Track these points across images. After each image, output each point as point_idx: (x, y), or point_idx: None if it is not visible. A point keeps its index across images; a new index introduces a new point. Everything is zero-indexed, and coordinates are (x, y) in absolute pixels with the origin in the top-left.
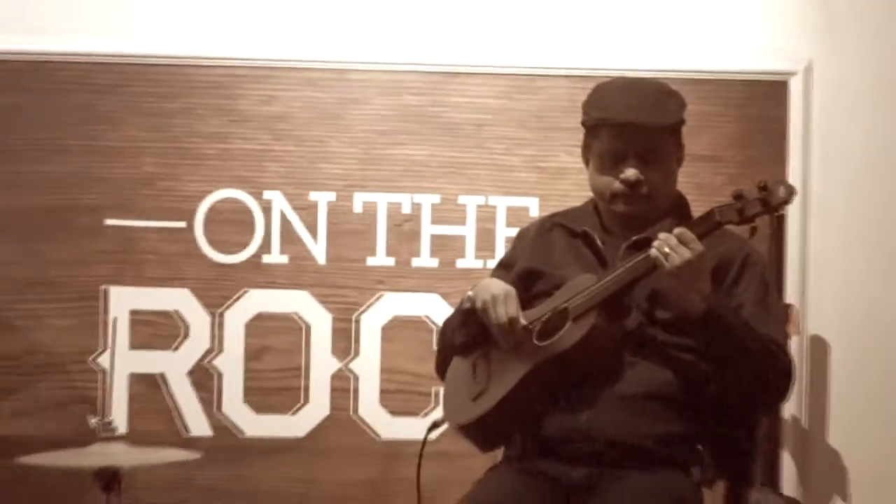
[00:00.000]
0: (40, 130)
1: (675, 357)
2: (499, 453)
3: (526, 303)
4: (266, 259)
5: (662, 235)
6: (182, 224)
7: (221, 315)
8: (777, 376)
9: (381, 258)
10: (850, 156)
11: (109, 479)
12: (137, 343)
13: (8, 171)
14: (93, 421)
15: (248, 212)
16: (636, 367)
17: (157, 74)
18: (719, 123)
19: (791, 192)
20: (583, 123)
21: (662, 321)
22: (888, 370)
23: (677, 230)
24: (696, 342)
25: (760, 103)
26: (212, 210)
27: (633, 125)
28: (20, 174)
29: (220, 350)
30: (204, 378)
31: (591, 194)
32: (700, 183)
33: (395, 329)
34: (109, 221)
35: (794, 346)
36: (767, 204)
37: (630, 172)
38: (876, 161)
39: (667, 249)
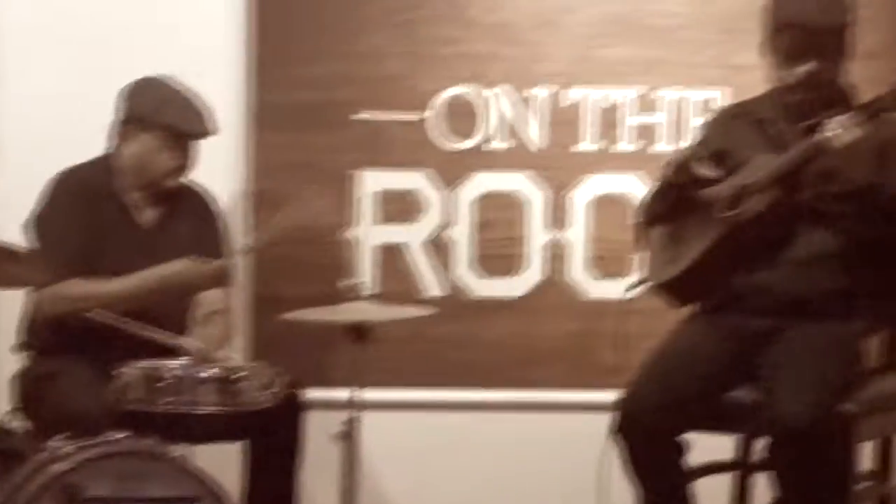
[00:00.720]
0: (307, 37)
1: (840, 224)
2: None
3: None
4: (490, 145)
5: (835, 118)
6: (420, 116)
7: (453, 194)
8: None
9: (588, 144)
10: None
11: (360, 332)
12: (382, 218)
13: (278, 74)
14: (345, 283)
15: (476, 105)
16: (807, 234)
17: None
18: (886, 23)
19: None
20: (766, 23)
21: (829, 195)
22: None
23: (847, 114)
24: (860, 208)
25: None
26: (444, 103)
27: (810, 25)
28: (289, 74)
29: (453, 223)
30: (438, 247)
31: (769, 86)
32: (867, 77)
33: (601, 204)
34: (359, 115)
35: None
36: None
37: (806, 67)
38: None
39: (840, 130)
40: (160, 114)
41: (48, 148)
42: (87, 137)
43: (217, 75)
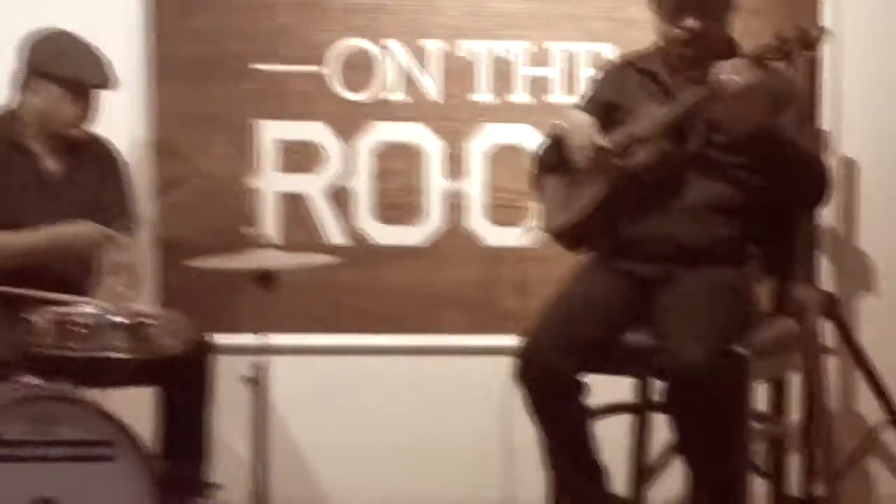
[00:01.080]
0: None
1: (730, 173)
2: (584, 255)
3: (605, 130)
4: (388, 96)
5: (723, 64)
6: (316, 67)
7: (352, 144)
8: (820, 184)
9: (483, 95)
10: (879, 2)
11: (265, 279)
12: (283, 167)
13: (176, 25)
14: (248, 231)
15: (372, 56)
16: (697, 182)
17: None
18: None
19: (823, 31)
20: None
21: (718, 144)
22: None
23: (734, 60)
24: (751, 156)
25: None
26: (340, 55)
27: None
28: (186, 27)
29: (353, 173)
30: (340, 196)
31: (656, 40)
32: (749, 32)
33: (497, 154)
34: (257, 66)
35: (827, 165)
36: (804, 42)
37: (690, 22)
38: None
39: (729, 76)
40: (60, 65)
41: None
42: None
43: (116, 29)
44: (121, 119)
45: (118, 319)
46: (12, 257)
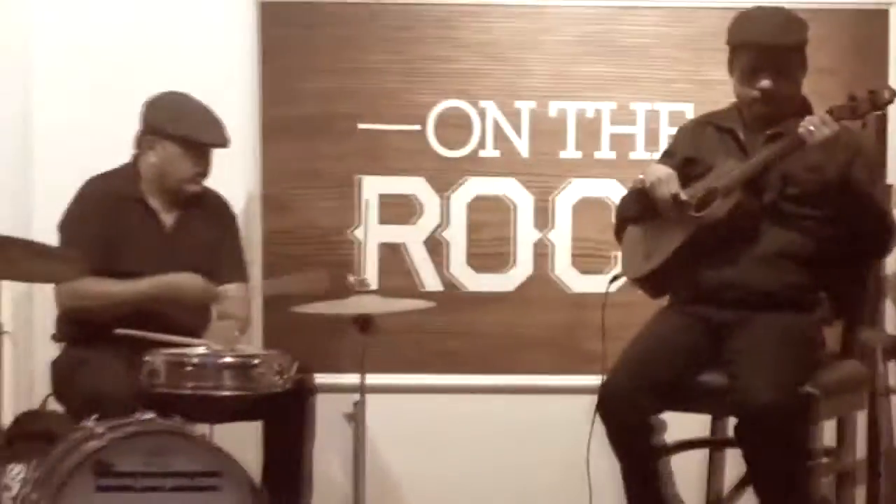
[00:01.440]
0: (311, 56)
1: (801, 224)
2: (664, 301)
3: (685, 184)
4: (482, 153)
5: (807, 118)
6: (417, 127)
7: (448, 197)
8: (887, 234)
9: (570, 152)
10: None
11: (365, 323)
12: (384, 219)
13: (286, 88)
14: (351, 279)
15: (468, 117)
16: (771, 232)
17: (398, 12)
18: (835, 43)
19: (894, 93)
20: (728, 43)
21: (791, 196)
22: None
23: (815, 115)
24: (823, 208)
25: (868, 27)
26: (440, 116)
27: (767, 45)
28: (295, 89)
29: (448, 224)
30: (436, 246)
31: (734, 100)
32: (820, 91)
33: (583, 207)
34: (362, 126)
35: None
36: (875, 103)
37: (765, 83)
38: None
39: (812, 128)
40: (178, 125)
41: (79, 157)
42: (115, 148)
43: (230, 91)
44: (233, 175)
45: (227, 360)
46: (124, 304)
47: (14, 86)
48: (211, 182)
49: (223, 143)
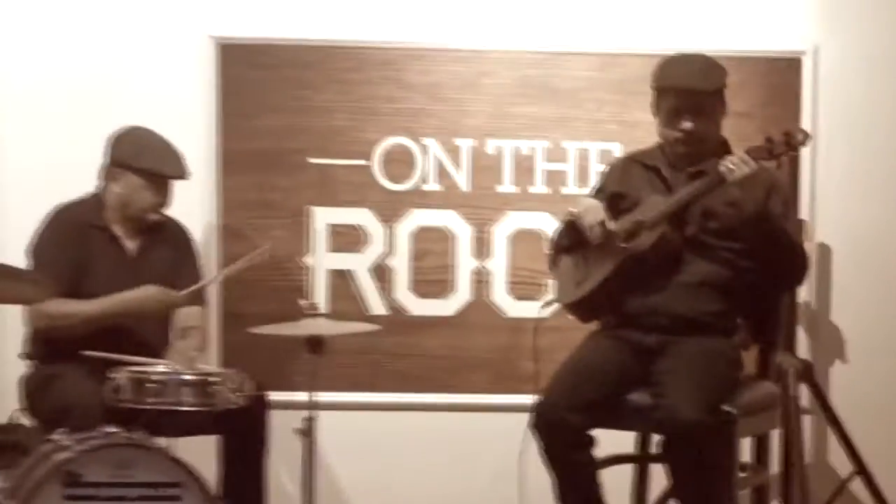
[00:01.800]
0: (266, 94)
1: (721, 255)
2: (594, 325)
3: (614, 217)
4: (424, 187)
5: (728, 158)
6: (364, 162)
7: (393, 228)
8: (800, 266)
9: (507, 186)
10: (849, 111)
11: (316, 344)
12: (333, 247)
13: (243, 124)
14: (302, 303)
15: (412, 153)
16: (693, 263)
17: (347, 54)
18: (751, 89)
19: (807, 136)
20: (652, 87)
21: (712, 230)
22: (878, 268)
23: (734, 156)
24: (741, 240)
25: (781, 74)
26: (385, 151)
27: (688, 89)
28: (251, 126)
29: (393, 252)
30: (382, 272)
31: (658, 140)
32: (738, 132)
33: (518, 238)
34: (313, 160)
35: (806, 249)
36: (790, 144)
37: (686, 125)
38: (869, 113)
39: (731, 166)
40: (141, 159)
41: (47, 187)
42: (81, 178)
43: (190, 126)
44: (193, 205)
45: (187, 377)
46: (88, 322)
47: None
48: (172, 211)
49: (183, 175)
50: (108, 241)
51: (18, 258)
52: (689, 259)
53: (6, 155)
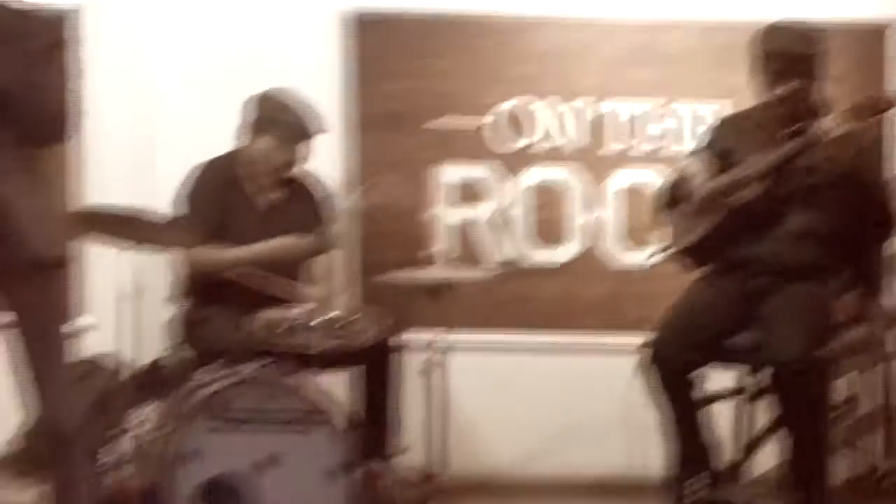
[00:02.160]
0: (396, 61)
1: (819, 208)
2: (699, 272)
3: (719, 173)
4: (541, 146)
5: (824, 118)
6: (486, 121)
7: (511, 183)
8: (887, 220)
9: (618, 145)
10: None
11: (442, 289)
12: (457, 201)
13: (374, 88)
14: (429, 252)
15: (530, 113)
16: (794, 214)
17: (470, 24)
18: (842, 55)
19: (891, 101)
20: (758, 51)
21: (810, 184)
22: None
23: (833, 114)
24: (836, 194)
25: (868, 42)
26: (505, 113)
27: (793, 54)
28: (381, 90)
29: (512, 206)
30: (500, 224)
31: (761, 100)
32: (834, 97)
33: (628, 192)
34: (438, 121)
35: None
36: (878, 108)
37: (790, 86)
38: None
39: (828, 126)
40: (279, 118)
41: (193, 145)
42: (223, 137)
43: (327, 89)
44: (327, 162)
45: (325, 317)
46: (231, 267)
47: (143, 86)
48: (308, 167)
49: (317, 133)
50: (247, 194)
51: (168, 209)
52: (790, 211)
53: (158, 116)
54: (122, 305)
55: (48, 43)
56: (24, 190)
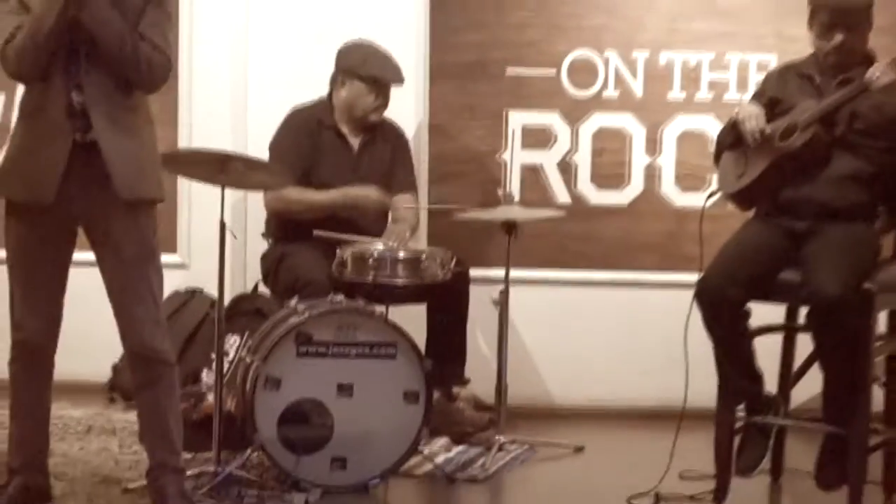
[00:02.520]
0: (469, 12)
1: (865, 153)
2: (751, 213)
3: (770, 119)
4: (605, 94)
5: (873, 67)
6: (553, 71)
7: (577, 129)
8: None
9: (676, 93)
10: None
11: (510, 227)
12: (525, 145)
13: (449, 39)
14: (499, 192)
15: (595, 63)
16: (840, 159)
17: None
18: (888, 6)
19: None
20: (809, 4)
21: (858, 130)
22: None
23: (880, 63)
24: (886, 139)
25: None
26: (572, 62)
27: (841, 6)
28: (456, 40)
29: (577, 150)
30: (566, 167)
31: (811, 51)
32: (877, 46)
33: (685, 138)
34: (509, 69)
35: None
36: None
37: (838, 37)
38: None
39: (877, 75)
40: (365, 67)
41: (285, 91)
42: (314, 84)
43: (405, 40)
44: (406, 108)
45: (400, 255)
46: (317, 209)
47: (236, 35)
48: (389, 113)
49: (399, 80)
50: (335, 138)
51: (261, 152)
52: (837, 155)
53: (251, 63)
54: (214, 242)
55: None
56: (123, 132)
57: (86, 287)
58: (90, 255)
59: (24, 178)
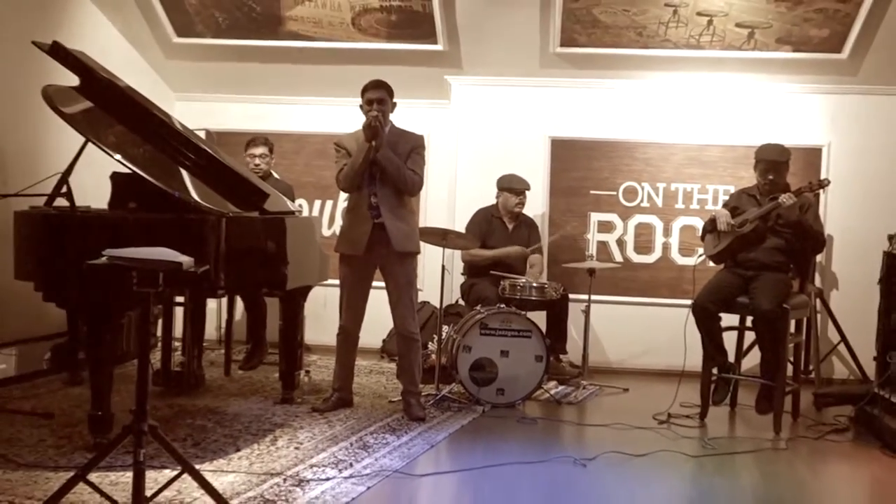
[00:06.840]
0: (570, 160)
1: (784, 236)
2: (721, 267)
3: (733, 217)
4: (642, 205)
5: (783, 196)
6: (614, 193)
7: (627, 223)
8: (820, 244)
9: (679, 205)
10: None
11: (591, 272)
12: (599, 231)
13: (560, 174)
14: (586, 253)
15: (637, 189)
16: (770, 239)
17: None
18: (800, 161)
19: (828, 181)
20: (755, 159)
21: (779, 224)
22: (855, 247)
23: (788, 193)
24: (792, 231)
25: (810, 154)
26: (624, 188)
27: (772, 160)
28: (564, 175)
29: (626, 233)
30: (621, 242)
31: (755, 182)
32: (793, 180)
33: (684, 229)
34: (592, 192)
35: (823, 236)
36: (819, 186)
37: (769, 177)
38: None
39: (785, 199)
40: (510, 184)
41: (474, 192)
42: (487, 197)
43: (536, 172)
44: (537, 209)
45: (534, 284)
46: (491, 260)
47: (450, 166)
48: (527, 210)
49: (528, 188)
50: (499, 223)
51: (462, 228)
52: (768, 237)
53: (459, 185)
54: (437, 276)
55: (412, 146)
56: (398, 218)
57: (375, 299)
58: (381, 283)
59: (348, 242)
